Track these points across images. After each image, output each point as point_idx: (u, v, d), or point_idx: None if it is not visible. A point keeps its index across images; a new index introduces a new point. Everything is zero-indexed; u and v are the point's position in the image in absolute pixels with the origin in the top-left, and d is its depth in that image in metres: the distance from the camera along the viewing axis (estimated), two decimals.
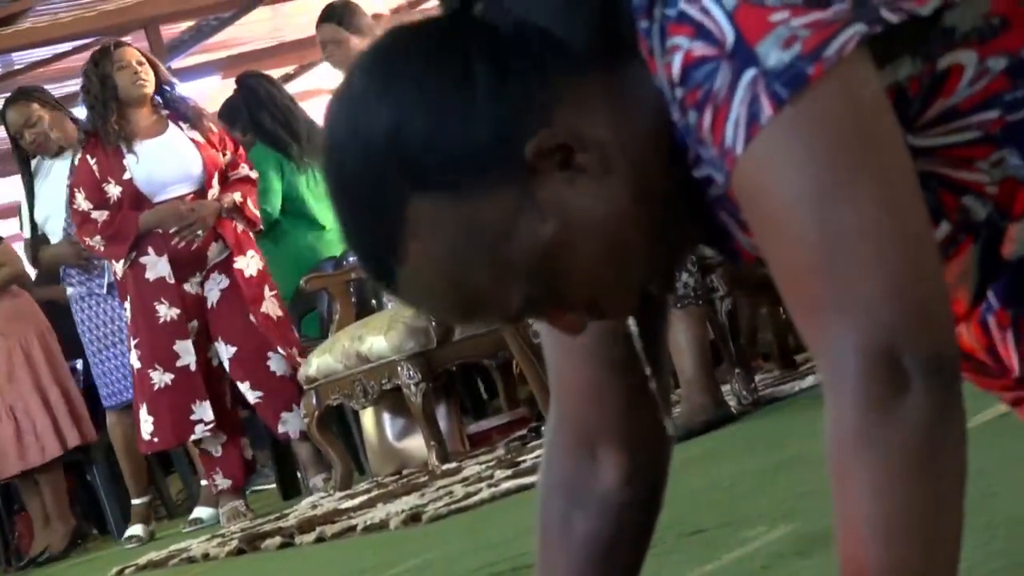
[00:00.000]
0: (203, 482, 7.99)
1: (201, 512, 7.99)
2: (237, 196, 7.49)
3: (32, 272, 9.35)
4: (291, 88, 13.65)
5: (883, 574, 1.22)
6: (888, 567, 1.22)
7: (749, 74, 1.27)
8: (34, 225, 8.38)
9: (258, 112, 8.35)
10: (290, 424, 7.43)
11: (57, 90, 12.31)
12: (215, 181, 7.49)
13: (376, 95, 1.37)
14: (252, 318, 7.40)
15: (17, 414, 8.86)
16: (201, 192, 7.45)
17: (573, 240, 1.35)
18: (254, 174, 7.70)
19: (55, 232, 8.29)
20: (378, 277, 1.40)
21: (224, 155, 7.55)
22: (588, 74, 1.36)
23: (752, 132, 1.27)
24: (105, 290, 8.14)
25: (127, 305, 7.45)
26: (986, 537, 2.23)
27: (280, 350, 7.44)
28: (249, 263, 7.50)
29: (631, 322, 1.54)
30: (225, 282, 7.49)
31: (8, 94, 8.76)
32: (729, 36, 1.28)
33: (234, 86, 8.89)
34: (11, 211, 11.07)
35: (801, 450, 3.93)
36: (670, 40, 1.31)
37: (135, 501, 8.25)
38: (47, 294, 9.31)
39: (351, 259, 8.03)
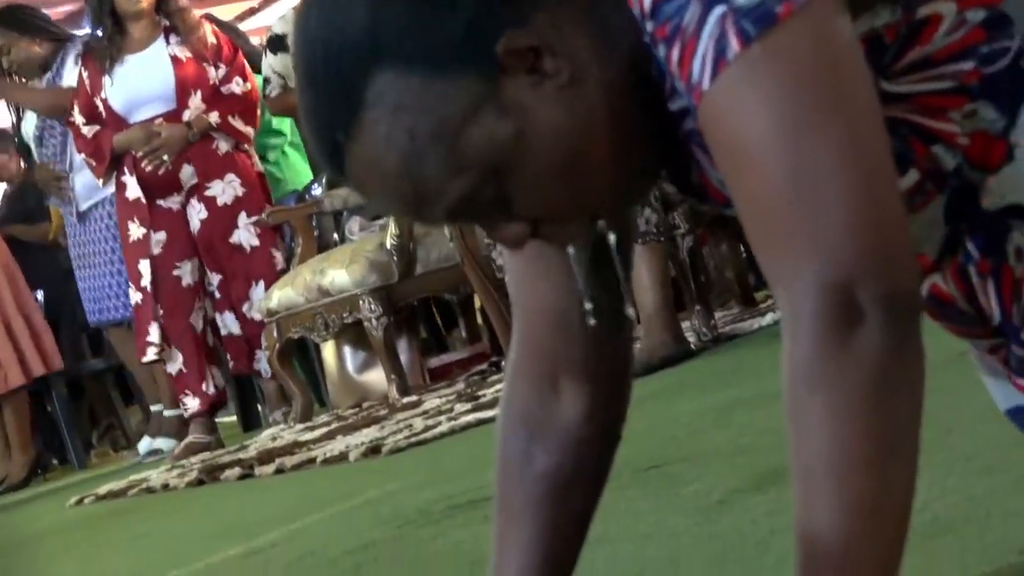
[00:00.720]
0: (165, 412, 8.02)
1: (161, 443, 8.02)
2: (214, 117, 7.37)
3: None
4: (255, 21, 13.68)
5: (837, 510, 1.22)
6: (842, 502, 1.22)
7: (718, 10, 1.27)
8: (21, 141, 8.56)
9: None
10: (263, 364, 7.43)
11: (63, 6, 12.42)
12: (197, 100, 7.39)
13: None
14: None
15: None
16: (177, 112, 7.37)
17: (529, 146, 1.34)
18: (247, 87, 7.53)
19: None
20: (329, 152, 1.38)
21: (217, 69, 7.42)
22: None
23: (719, 68, 1.27)
24: (75, 217, 8.15)
25: None
26: (942, 473, 2.25)
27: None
28: (225, 189, 7.41)
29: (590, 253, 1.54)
30: (204, 212, 7.43)
31: None
32: None
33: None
34: None
35: (759, 387, 3.95)
36: None
37: (154, 408, 8.31)
38: (9, 231, 9.31)
39: (314, 192, 8.04)
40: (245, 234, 7.47)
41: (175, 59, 7.37)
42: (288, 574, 3.26)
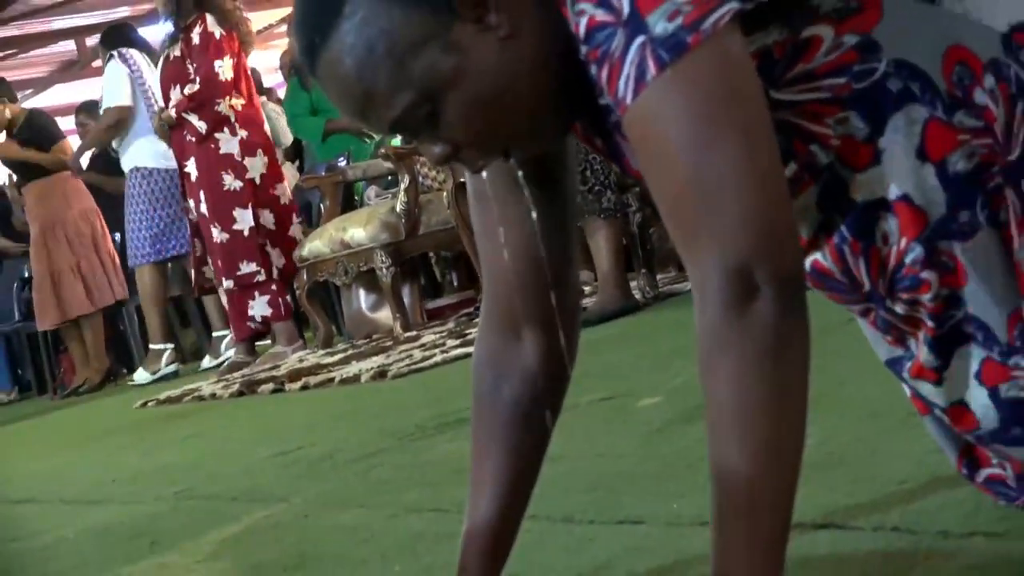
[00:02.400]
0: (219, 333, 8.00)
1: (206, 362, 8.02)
2: (171, 112, 7.01)
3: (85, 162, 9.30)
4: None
5: (741, 449, 1.23)
6: (745, 442, 1.23)
7: (639, 39, 1.27)
8: None
9: None
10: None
11: (103, 16, 12.28)
12: (175, 94, 7.04)
13: None
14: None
15: (74, 273, 8.85)
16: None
17: (462, 80, 1.35)
18: (195, 88, 6.94)
19: None
20: (307, 53, 1.39)
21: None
22: None
23: (639, 88, 1.27)
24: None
25: None
26: (836, 417, 2.25)
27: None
28: (193, 168, 7.06)
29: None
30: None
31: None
32: (625, 7, 1.28)
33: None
34: (69, 110, 10.92)
35: (693, 337, 3.94)
36: (579, 4, 1.31)
37: (153, 346, 8.27)
38: (92, 179, 9.26)
39: (341, 163, 8.01)
40: (203, 206, 7.05)
41: (176, 57, 7.06)
42: (311, 472, 3.25)
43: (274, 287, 7.06)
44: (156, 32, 7.82)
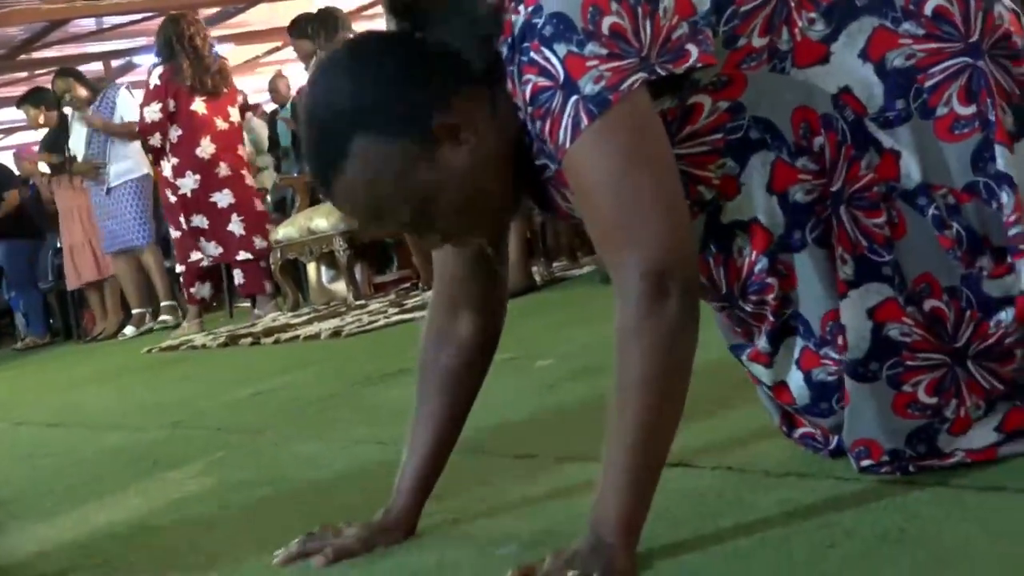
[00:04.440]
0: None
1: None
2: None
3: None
4: (275, 57, 13.40)
5: (640, 410, 1.24)
6: (643, 406, 1.24)
7: (574, 98, 1.28)
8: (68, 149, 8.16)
9: None
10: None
11: (132, 42, 12.10)
12: None
13: (344, 71, 1.36)
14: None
15: (85, 247, 8.73)
16: None
17: (448, 187, 1.35)
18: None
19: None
20: (322, 183, 1.39)
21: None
22: (478, 86, 1.35)
23: (576, 134, 1.27)
24: (105, 192, 7.87)
25: None
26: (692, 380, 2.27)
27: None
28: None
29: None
30: None
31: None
32: (561, 74, 1.28)
33: (241, 52, 8.62)
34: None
35: (580, 313, 3.97)
36: (524, 76, 1.32)
37: (135, 311, 8.17)
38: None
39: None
40: None
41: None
42: (280, 410, 3.24)
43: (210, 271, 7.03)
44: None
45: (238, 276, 7.01)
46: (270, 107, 10.13)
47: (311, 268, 7.34)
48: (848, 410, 1.41)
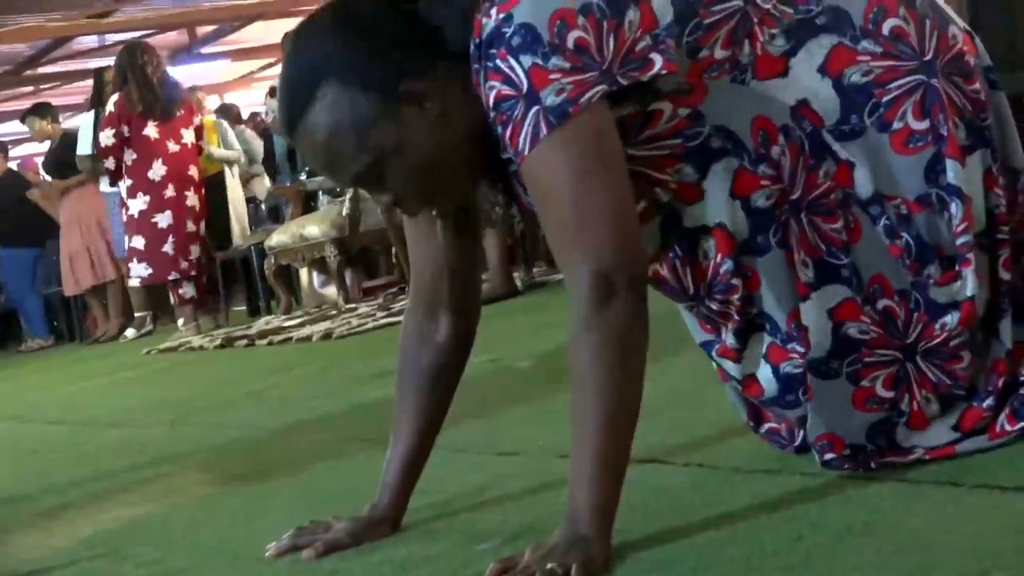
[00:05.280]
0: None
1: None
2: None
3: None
4: (269, 72, 13.33)
5: (596, 403, 1.25)
6: (599, 398, 1.25)
7: (534, 108, 1.28)
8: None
9: None
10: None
11: None
12: None
13: (327, 25, 1.37)
14: None
15: (83, 255, 8.69)
16: None
17: (405, 149, 1.35)
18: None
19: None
20: (288, 125, 1.38)
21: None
22: (455, 63, 1.35)
23: (534, 143, 1.28)
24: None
25: None
26: (661, 378, 2.27)
27: None
28: None
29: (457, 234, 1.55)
30: None
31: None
32: (524, 84, 1.28)
33: (237, 68, 8.55)
34: None
35: (558, 316, 3.93)
36: (490, 82, 1.31)
37: (137, 314, 8.12)
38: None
39: (301, 177, 7.92)
40: None
41: None
42: (274, 407, 3.23)
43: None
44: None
45: (172, 295, 7.05)
46: (268, 117, 10.07)
47: (303, 273, 7.31)
48: (811, 406, 1.41)
